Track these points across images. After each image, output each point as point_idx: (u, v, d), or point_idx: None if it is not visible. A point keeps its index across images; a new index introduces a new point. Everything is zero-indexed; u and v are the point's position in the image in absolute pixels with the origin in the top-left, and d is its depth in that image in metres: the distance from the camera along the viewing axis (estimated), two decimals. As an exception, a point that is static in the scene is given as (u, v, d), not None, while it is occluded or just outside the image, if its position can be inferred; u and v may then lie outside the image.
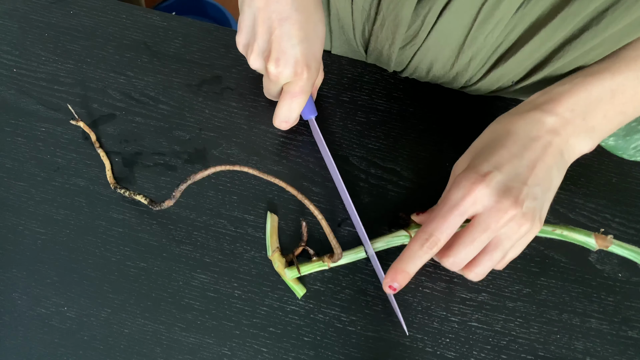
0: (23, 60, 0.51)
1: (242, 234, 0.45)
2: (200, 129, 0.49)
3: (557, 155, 0.37)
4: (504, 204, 0.35)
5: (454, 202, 0.36)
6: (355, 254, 0.43)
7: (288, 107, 0.42)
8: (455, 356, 0.42)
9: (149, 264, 0.44)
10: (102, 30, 0.52)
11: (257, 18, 0.39)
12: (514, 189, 0.36)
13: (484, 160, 0.37)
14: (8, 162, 0.47)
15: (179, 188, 0.41)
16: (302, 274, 0.43)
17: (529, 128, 0.38)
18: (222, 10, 1.31)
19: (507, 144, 0.37)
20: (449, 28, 0.42)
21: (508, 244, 0.37)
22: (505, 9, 0.39)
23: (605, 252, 0.45)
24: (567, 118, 0.38)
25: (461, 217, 0.37)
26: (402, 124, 0.49)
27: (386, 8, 0.43)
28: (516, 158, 0.37)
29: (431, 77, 0.49)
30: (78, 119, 0.47)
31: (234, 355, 0.42)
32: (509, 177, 0.36)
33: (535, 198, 0.36)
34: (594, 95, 0.38)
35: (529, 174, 0.36)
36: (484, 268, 0.38)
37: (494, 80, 0.47)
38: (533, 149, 0.37)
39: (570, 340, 0.43)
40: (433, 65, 0.47)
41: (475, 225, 0.36)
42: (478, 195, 0.36)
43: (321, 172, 0.47)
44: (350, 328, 0.43)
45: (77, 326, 0.43)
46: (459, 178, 0.37)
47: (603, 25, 0.38)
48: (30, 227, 0.45)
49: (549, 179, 0.37)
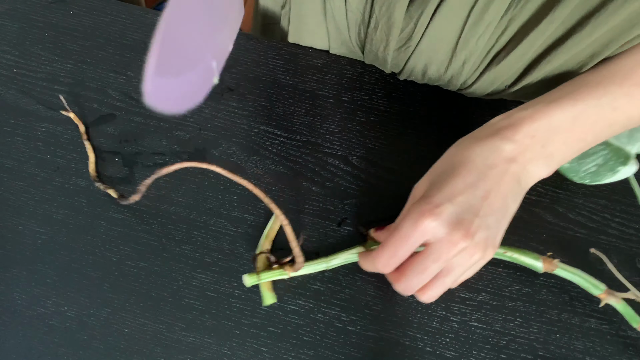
0: (23, 60, 0.51)
1: (242, 234, 0.45)
2: (200, 129, 0.49)
3: (513, 184, 0.37)
4: (454, 237, 0.35)
5: (403, 232, 0.37)
6: (318, 264, 0.43)
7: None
8: (455, 356, 0.42)
9: (149, 263, 0.44)
10: (102, 30, 0.52)
11: None
12: (465, 221, 0.36)
13: (438, 191, 0.37)
14: (8, 162, 0.47)
15: (144, 183, 0.41)
16: (261, 280, 0.42)
17: (485, 155, 0.37)
18: (222, 11, 1.30)
19: (463, 172, 0.37)
20: (441, 31, 0.43)
21: (460, 270, 0.37)
22: (494, 12, 0.39)
23: (605, 252, 0.45)
24: (526, 144, 0.38)
25: (411, 247, 0.37)
26: (402, 124, 0.49)
27: (379, 10, 0.43)
28: (470, 188, 0.36)
29: (427, 79, 0.50)
30: (69, 110, 0.47)
31: (234, 355, 0.42)
32: (461, 208, 0.36)
33: (488, 228, 0.36)
34: (555, 123, 0.38)
35: (482, 204, 0.36)
36: (436, 292, 0.38)
37: (487, 83, 0.47)
38: (488, 178, 0.37)
39: (570, 340, 0.43)
40: (428, 67, 0.47)
41: (426, 255, 0.37)
42: (427, 227, 0.36)
43: (321, 172, 0.47)
44: (350, 328, 0.43)
45: (77, 326, 0.43)
46: (412, 208, 0.37)
47: (588, 30, 0.39)
48: (30, 227, 0.45)
49: (504, 208, 0.37)
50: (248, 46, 0.52)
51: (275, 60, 0.51)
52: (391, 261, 0.38)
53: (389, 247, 0.38)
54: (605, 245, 0.46)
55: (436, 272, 0.37)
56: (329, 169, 0.47)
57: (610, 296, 0.42)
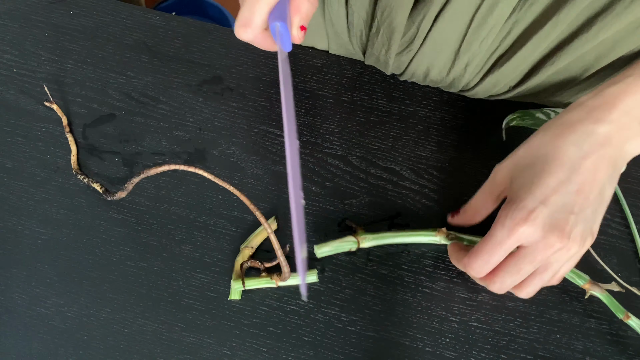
0: (23, 60, 0.51)
1: (242, 234, 0.45)
2: (200, 129, 0.49)
3: (609, 170, 0.35)
4: (550, 239, 0.35)
5: (498, 240, 0.36)
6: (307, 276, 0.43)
7: (249, 7, 0.33)
8: (455, 356, 0.42)
9: (149, 263, 0.44)
10: (102, 30, 0.52)
11: None
12: (560, 221, 0.34)
13: (529, 193, 0.35)
14: (8, 162, 0.47)
15: (131, 181, 0.42)
16: (246, 287, 0.43)
17: (579, 144, 0.35)
18: (222, 10, 1.31)
19: (554, 168, 0.35)
20: (444, 34, 0.42)
21: (557, 266, 0.37)
22: (498, 15, 0.39)
23: (606, 252, 0.45)
24: (622, 123, 0.35)
25: (505, 254, 0.36)
26: (402, 124, 0.49)
27: (380, 15, 0.43)
28: (563, 185, 0.35)
29: (429, 81, 0.50)
30: (52, 101, 0.47)
31: (234, 355, 0.42)
32: (555, 208, 0.35)
33: (585, 221, 0.35)
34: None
35: (576, 199, 0.35)
36: (535, 287, 0.38)
37: (490, 85, 0.47)
38: (582, 170, 0.35)
39: (570, 340, 0.43)
40: (430, 70, 0.47)
41: (521, 257, 0.36)
42: (523, 234, 0.35)
43: (321, 172, 0.47)
44: (350, 328, 0.43)
45: (77, 326, 0.43)
46: (503, 214, 0.36)
47: (593, 32, 0.38)
48: (30, 227, 0.45)
49: (600, 196, 0.36)
50: (248, 46, 0.52)
51: (275, 60, 0.51)
52: (485, 268, 0.37)
53: (482, 254, 0.37)
54: (605, 245, 0.46)
55: (531, 272, 0.37)
56: (329, 169, 0.47)
57: (594, 286, 0.42)
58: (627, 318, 0.41)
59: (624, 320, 0.41)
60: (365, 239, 0.43)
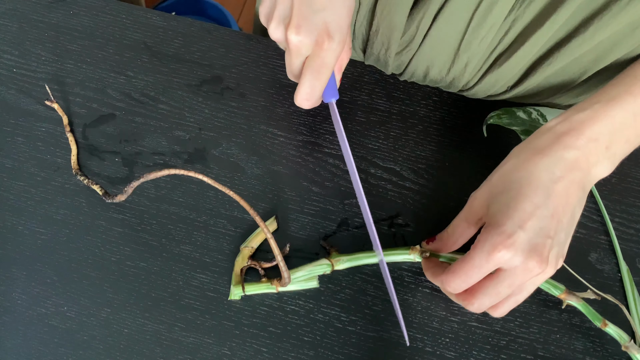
0: (23, 60, 0.51)
1: (242, 234, 0.45)
2: (200, 128, 0.49)
3: (579, 193, 0.36)
4: (529, 265, 0.35)
5: (476, 263, 0.36)
6: (306, 282, 0.43)
7: (310, 83, 0.38)
8: (455, 356, 0.42)
9: (148, 264, 0.44)
10: (102, 30, 0.52)
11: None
12: (538, 246, 0.35)
13: (507, 218, 0.36)
14: (8, 162, 0.47)
15: (130, 184, 0.41)
16: (246, 293, 0.42)
17: (550, 169, 0.36)
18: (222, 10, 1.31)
19: (529, 193, 0.36)
20: (444, 33, 0.42)
21: (532, 288, 0.37)
22: (497, 13, 0.39)
23: (605, 252, 0.45)
24: (589, 149, 0.36)
25: (483, 275, 0.36)
26: (402, 124, 0.49)
27: (380, 14, 0.43)
28: (539, 209, 0.35)
29: (428, 81, 0.50)
30: (53, 101, 0.47)
31: (234, 355, 0.42)
32: (533, 233, 0.35)
33: (559, 244, 0.36)
34: (618, 121, 0.36)
35: (551, 223, 0.35)
36: (509, 308, 0.38)
37: (489, 85, 0.47)
38: (556, 194, 0.35)
39: (570, 340, 0.43)
40: (429, 70, 0.47)
41: (500, 281, 0.36)
42: (502, 259, 0.35)
43: (321, 172, 0.47)
44: (350, 328, 0.43)
45: (77, 326, 0.43)
46: (482, 238, 0.36)
47: (590, 33, 0.38)
48: (30, 227, 0.45)
49: (572, 219, 0.36)
50: (248, 46, 0.52)
51: (275, 60, 0.51)
52: (461, 286, 0.37)
53: (460, 274, 0.37)
54: (605, 245, 0.46)
55: (508, 294, 0.37)
56: (329, 169, 0.47)
57: (570, 296, 0.42)
58: (605, 326, 0.41)
59: (602, 328, 0.41)
60: (340, 261, 0.43)
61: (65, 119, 0.48)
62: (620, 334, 0.41)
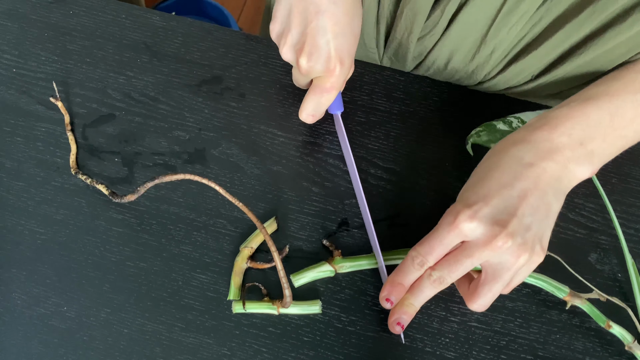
0: (23, 60, 0.51)
1: (242, 234, 0.45)
2: (200, 129, 0.49)
3: (552, 182, 0.37)
4: (490, 235, 0.35)
5: (440, 233, 0.37)
6: (309, 306, 0.43)
7: (316, 102, 0.41)
8: (454, 356, 0.42)
9: (148, 264, 0.44)
10: (102, 30, 0.52)
11: (293, 8, 0.38)
12: (501, 221, 0.35)
13: (473, 193, 0.37)
14: (8, 162, 0.47)
15: (144, 185, 0.41)
16: (246, 311, 0.42)
17: (520, 155, 0.37)
18: (222, 10, 1.31)
19: (496, 174, 0.37)
20: (472, 19, 0.41)
21: (507, 275, 0.37)
22: (531, 1, 0.38)
23: (605, 252, 0.45)
24: (563, 143, 0.37)
25: (447, 247, 0.37)
26: (402, 124, 0.49)
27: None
28: (505, 189, 0.36)
29: (449, 69, 0.48)
30: (57, 98, 0.47)
31: (234, 355, 0.42)
32: (497, 209, 0.36)
33: (529, 228, 0.36)
34: (593, 120, 0.37)
35: (520, 204, 0.36)
36: (486, 299, 0.38)
37: (512, 75, 0.46)
38: (525, 177, 0.36)
39: (570, 340, 0.43)
40: (453, 57, 0.46)
41: (460, 250, 0.37)
42: (463, 228, 0.36)
43: (321, 172, 0.47)
44: (350, 328, 0.43)
45: (77, 326, 0.43)
46: (448, 210, 0.37)
47: (628, 24, 0.38)
48: (30, 227, 0.45)
49: (545, 207, 0.36)
50: (248, 46, 0.52)
51: (275, 60, 0.51)
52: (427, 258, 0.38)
53: (425, 243, 0.38)
54: (605, 245, 0.46)
55: (469, 269, 0.37)
56: (329, 169, 0.47)
57: (575, 298, 0.42)
58: (609, 327, 0.41)
59: (607, 328, 0.41)
60: (343, 267, 0.43)
61: (67, 117, 0.48)
62: (624, 335, 0.41)
